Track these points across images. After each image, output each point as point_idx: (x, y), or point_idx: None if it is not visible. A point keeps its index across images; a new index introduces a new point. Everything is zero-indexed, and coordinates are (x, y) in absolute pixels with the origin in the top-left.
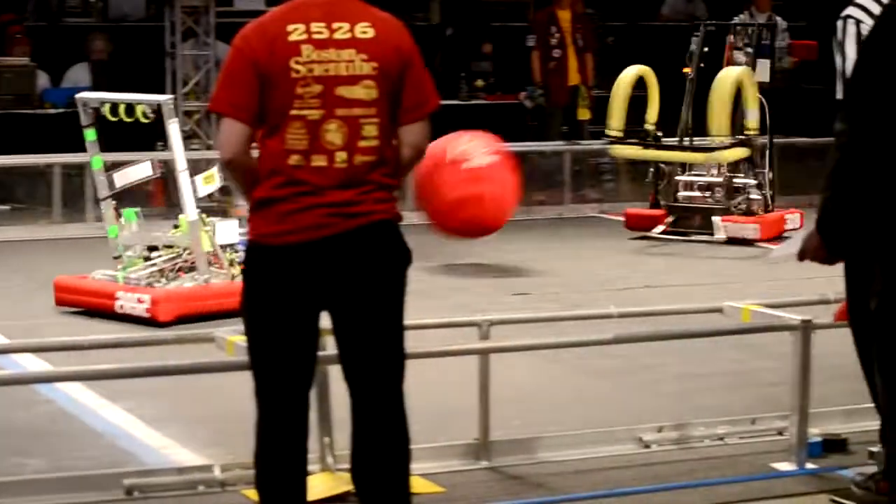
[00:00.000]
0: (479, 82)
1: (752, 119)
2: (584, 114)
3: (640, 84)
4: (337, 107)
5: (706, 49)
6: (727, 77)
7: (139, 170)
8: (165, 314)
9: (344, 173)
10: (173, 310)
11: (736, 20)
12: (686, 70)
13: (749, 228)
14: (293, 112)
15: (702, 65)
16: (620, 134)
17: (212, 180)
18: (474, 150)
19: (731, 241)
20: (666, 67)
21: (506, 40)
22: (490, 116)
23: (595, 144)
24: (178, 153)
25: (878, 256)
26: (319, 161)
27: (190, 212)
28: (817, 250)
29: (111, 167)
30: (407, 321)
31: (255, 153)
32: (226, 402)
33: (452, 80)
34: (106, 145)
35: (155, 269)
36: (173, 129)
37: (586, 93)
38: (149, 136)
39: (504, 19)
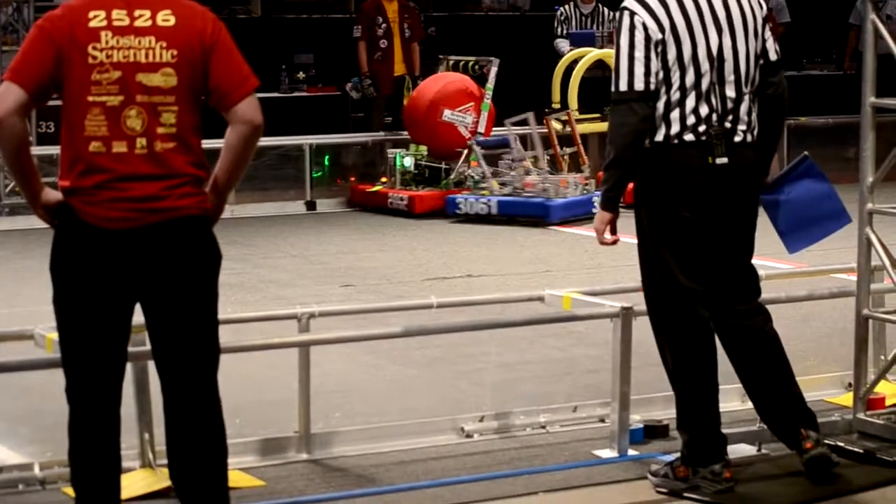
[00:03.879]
0: (300, 74)
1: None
2: None
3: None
4: (137, 93)
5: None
6: None
7: None
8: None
9: (144, 160)
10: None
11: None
12: None
13: None
14: (90, 98)
15: None
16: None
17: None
18: None
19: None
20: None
21: (326, 32)
22: (312, 108)
23: None
24: None
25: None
26: (120, 147)
27: None
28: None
29: None
30: (226, 314)
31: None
32: (46, 400)
33: (273, 72)
34: None
35: None
36: None
37: (412, 83)
38: None
39: (324, 11)
